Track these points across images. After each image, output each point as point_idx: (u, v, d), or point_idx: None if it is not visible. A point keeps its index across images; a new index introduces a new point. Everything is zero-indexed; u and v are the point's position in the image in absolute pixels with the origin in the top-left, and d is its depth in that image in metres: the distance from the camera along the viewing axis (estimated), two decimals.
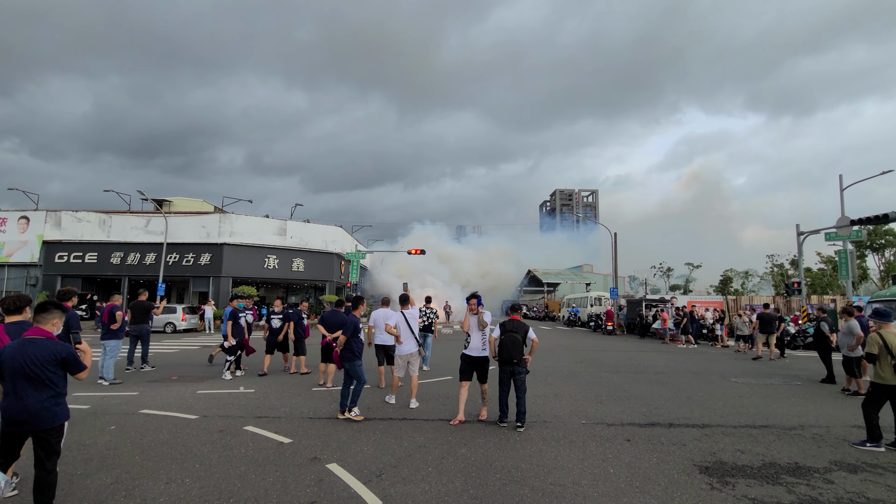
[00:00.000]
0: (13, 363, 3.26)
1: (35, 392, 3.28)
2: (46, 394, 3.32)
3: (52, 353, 3.35)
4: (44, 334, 3.41)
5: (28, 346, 3.31)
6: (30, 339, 3.36)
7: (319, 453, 4.92)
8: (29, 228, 29.43)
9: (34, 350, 3.30)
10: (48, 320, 3.49)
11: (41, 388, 3.29)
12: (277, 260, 30.89)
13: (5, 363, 3.27)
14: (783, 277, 47.08)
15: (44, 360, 3.30)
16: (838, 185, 21.19)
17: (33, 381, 3.27)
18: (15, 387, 3.25)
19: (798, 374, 11.03)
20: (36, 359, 3.27)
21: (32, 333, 3.39)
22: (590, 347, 17.47)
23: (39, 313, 3.47)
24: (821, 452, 5.20)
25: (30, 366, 3.25)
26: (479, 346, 6.35)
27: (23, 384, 3.25)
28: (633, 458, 4.93)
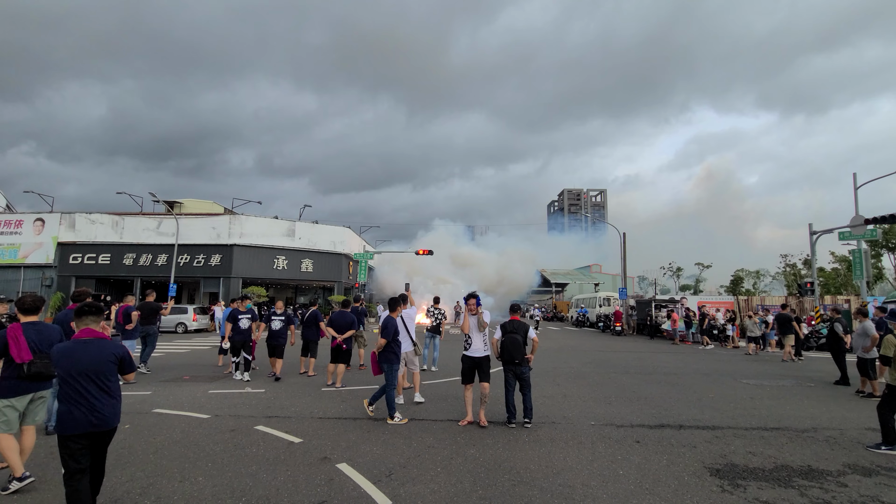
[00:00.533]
0: (76, 364, 3.20)
1: (99, 393, 3.24)
2: (108, 394, 3.30)
3: (111, 352, 3.34)
4: (97, 335, 3.36)
5: (87, 346, 3.28)
6: (86, 340, 3.31)
7: (329, 453, 4.97)
8: (44, 230, 29.96)
9: (94, 351, 3.27)
10: (98, 322, 3.44)
11: (103, 388, 3.27)
12: (286, 261, 31.12)
13: (62, 365, 3.20)
14: (796, 277, 46.42)
15: (104, 360, 3.28)
16: (852, 184, 20.86)
17: (95, 382, 3.23)
18: (79, 389, 3.17)
19: (811, 376, 10.88)
20: (98, 359, 3.25)
21: (85, 335, 3.33)
22: (598, 348, 17.37)
23: (88, 315, 3.39)
24: (834, 455, 5.14)
25: (93, 367, 3.23)
26: (480, 346, 6.29)
27: (86, 385, 3.19)
28: (643, 459, 4.90)
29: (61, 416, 3.15)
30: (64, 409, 3.16)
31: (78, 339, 3.31)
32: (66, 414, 3.15)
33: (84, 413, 3.15)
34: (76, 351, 3.25)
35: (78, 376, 3.18)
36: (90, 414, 3.17)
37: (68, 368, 3.18)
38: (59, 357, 3.22)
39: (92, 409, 3.18)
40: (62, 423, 3.15)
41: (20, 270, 29.52)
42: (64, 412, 3.15)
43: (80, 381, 3.18)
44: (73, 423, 3.14)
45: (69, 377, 3.18)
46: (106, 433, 3.30)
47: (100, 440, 3.28)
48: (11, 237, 30.13)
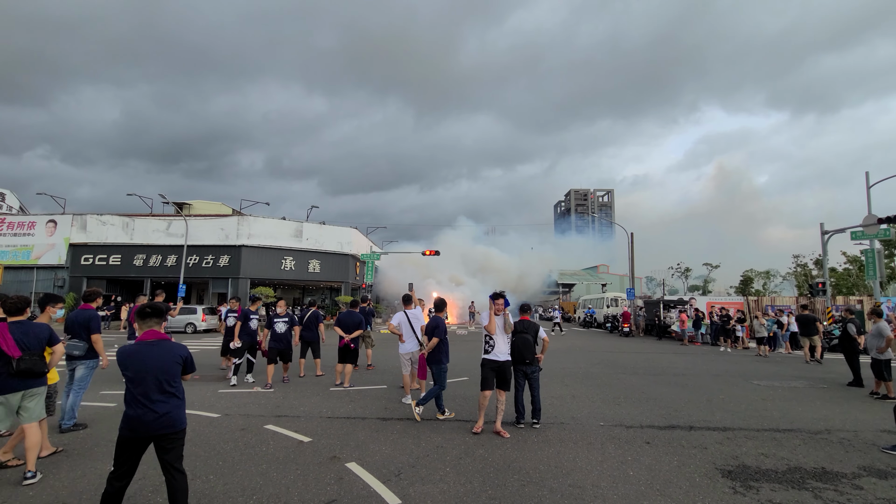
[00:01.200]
0: (144, 366, 3.17)
1: (164, 395, 3.21)
2: (175, 395, 3.28)
3: (177, 353, 3.33)
4: (161, 336, 3.35)
5: (153, 348, 3.25)
6: (151, 341, 3.29)
7: (339, 452, 4.98)
8: (56, 232, 30.39)
9: (161, 352, 3.26)
10: (161, 323, 3.42)
11: (169, 390, 3.23)
12: (294, 261, 31.30)
13: (130, 367, 3.17)
14: (807, 278, 45.83)
15: (171, 362, 3.27)
16: (865, 183, 20.56)
17: (162, 384, 3.20)
18: (146, 391, 3.15)
19: (824, 378, 10.73)
20: (165, 361, 3.24)
21: (150, 336, 3.31)
22: (606, 349, 17.27)
23: (151, 317, 3.36)
24: (849, 457, 5.07)
25: (161, 368, 3.21)
26: (504, 350, 5.91)
27: (153, 387, 3.16)
28: (653, 460, 4.87)
29: (129, 419, 3.11)
30: (132, 412, 3.12)
31: (143, 340, 3.28)
32: (134, 417, 3.11)
33: (153, 415, 3.12)
34: (143, 353, 3.22)
35: (146, 378, 3.15)
36: (158, 416, 3.14)
37: (137, 371, 3.15)
38: (126, 359, 3.19)
39: (160, 412, 3.15)
40: (130, 426, 3.11)
41: (33, 271, 29.97)
42: (132, 415, 3.12)
43: (149, 383, 3.16)
44: (141, 426, 3.11)
45: (138, 379, 3.15)
46: (174, 435, 3.24)
47: (168, 442, 3.22)
48: (24, 238, 30.60)
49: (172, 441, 3.22)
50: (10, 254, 30.30)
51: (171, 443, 3.22)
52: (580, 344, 19.42)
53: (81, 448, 5.09)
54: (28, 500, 3.80)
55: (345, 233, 34.97)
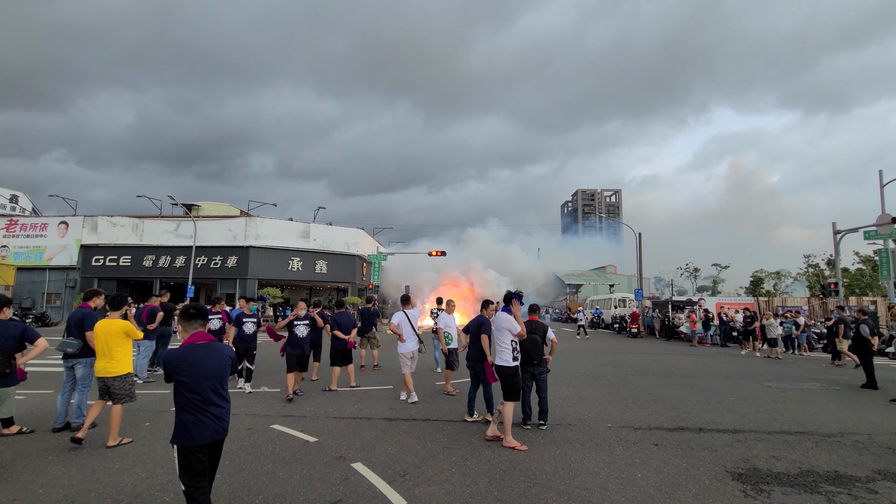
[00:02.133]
0: (201, 370, 3.02)
1: (219, 398, 3.09)
2: (226, 398, 3.15)
3: (227, 355, 3.20)
4: (209, 338, 3.21)
5: (206, 351, 3.09)
6: (201, 344, 3.12)
7: (344, 452, 4.98)
8: (68, 233, 30.80)
9: (214, 355, 3.11)
10: (206, 324, 3.28)
11: (222, 393, 3.12)
12: (301, 262, 31.44)
13: (187, 372, 2.99)
14: (818, 278, 45.19)
15: (224, 364, 3.15)
16: (878, 182, 20.23)
17: (217, 387, 3.08)
18: (204, 395, 3.00)
19: (836, 380, 10.55)
20: (219, 364, 3.11)
21: (199, 339, 3.14)
22: (614, 350, 17.14)
23: (197, 318, 3.21)
24: (862, 461, 4.96)
25: (215, 371, 3.08)
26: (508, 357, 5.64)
27: (210, 392, 3.03)
28: (662, 462, 4.80)
29: (187, 426, 2.94)
30: (191, 419, 2.95)
31: (193, 343, 3.11)
32: (194, 423, 2.95)
33: (212, 421, 3.00)
34: (197, 356, 3.05)
35: (202, 383, 3.00)
36: (217, 421, 3.03)
37: (193, 376, 2.99)
38: (180, 364, 3.00)
39: (217, 416, 3.04)
40: (190, 434, 2.93)
41: (45, 272, 30.39)
42: (191, 421, 2.95)
43: (205, 388, 3.01)
44: (203, 432, 2.95)
45: (194, 384, 2.98)
46: (222, 440, 3.15)
47: (217, 449, 3.12)
48: (37, 240, 31.04)
49: (220, 447, 3.14)
50: (23, 255, 30.75)
51: (219, 449, 3.14)
52: (587, 345, 19.29)
53: (91, 446, 5.12)
54: (37, 498, 3.83)
55: (351, 233, 35.07)
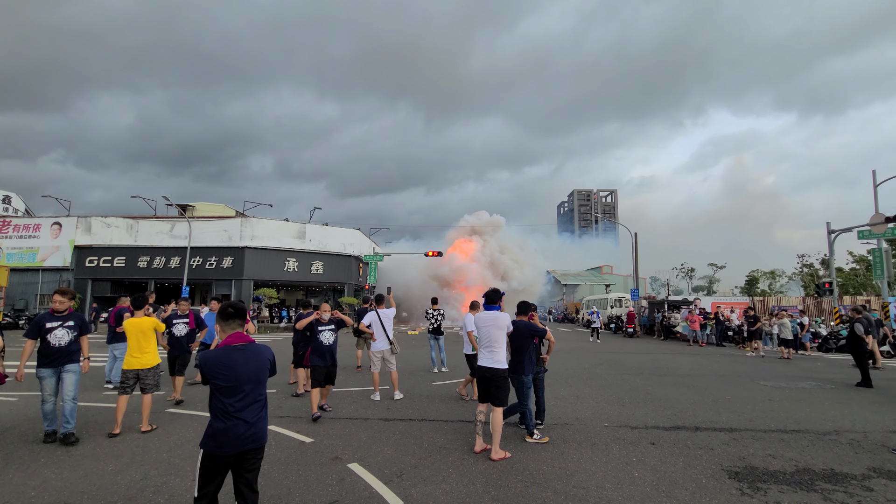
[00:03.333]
0: (239, 374, 2.82)
1: (256, 405, 2.89)
2: (263, 404, 2.96)
3: (266, 358, 3.01)
4: (247, 339, 2.99)
5: (244, 353, 2.90)
6: (240, 346, 2.92)
7: (340, 453, 4.95)
8: (61, 234, 30.59)
9: (253, 357, 2.92)
10: (244, 324, 3.06)
11: (259, 399, 2.92)
12: (297, 263, 31.36)
13: (223, 376, 2.79)
14: (813, 278, 45.50)
15: (263, 367, 2.97)
16: (872, 182, 20.38)
17: (254, 392, 2.89)
18: (240, 401, 2.80)
19: (831, 378, 10.61)
20: (258, 367, 2.93)
21: (237, 340, 2.93)
22: (610, 349, 17.17)
23: (235, 318, 2.98)
24: (858, 458, 4.98)
25: (254, 375, 2.89)
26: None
27: (246, 397, 2.83)
28: (659, 461, 4.80)
29: (216, 433, 2.74)
30: (221, 427, 2.75)
31: (230, 345, 2.90)
32: (224, 431, 2.74)
33: (245, 428, 2.79)
34: (234, 359, 2.85)
35: (240, 387, 2.81)
36: (250, 428, 2.81)
37: (231, 379, 2.79)
38: (216, 367, 2.80)
39: (251, 423, 2.82)
40: (217, 441, 2.74)
41: (38, 273, 30.17)
42: (221, 429, 2.74)
43: (243, 392, 2.82)
44: (234, 440, 2.75)
45: (231, 389, 2.79)
46: (260, 450, 2.91)
47: (253, 459, 2.87)
48: (30, 241, 30.81)
49: (257, 456, 2.90)
50: (16, 256, 30.51)
51: (255, 460, 2.89)
52: (584, 345, 19.33)
53: (84, 448, 5.07)
54: (30, 501, 3.78)
55: (347, 234, 35.02)
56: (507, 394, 5.11)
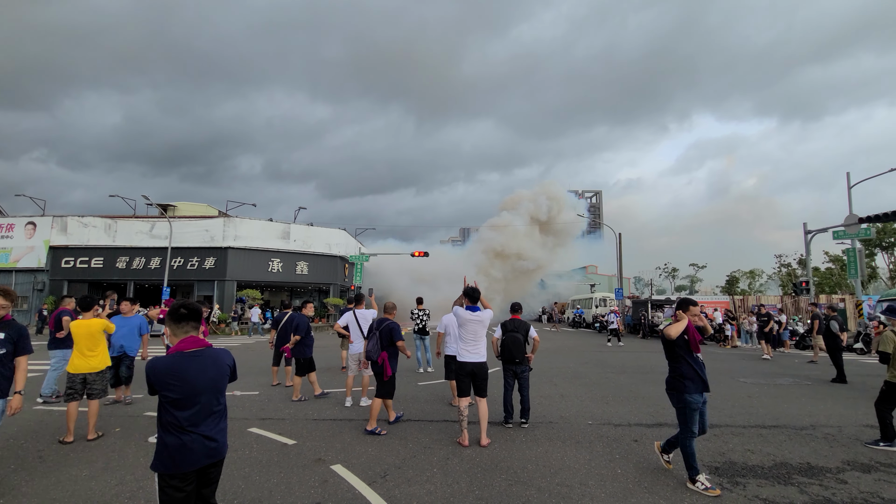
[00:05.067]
0: (194, 385, 2.52)
1: (213, 417, 2.60)
2: (221, 415, 2.66)
3: (225, 364, 2.72)
4: (202, 343, 2.68)
5: (198, 360, 2.59)
6: (193, 352, 2.60)
7: (324, 454, 4.88)
8: (36, 234, 29.64)
9: (209, 364, 2.61)
10: (199, 328, 2.72)
11: (217, 409, 2.63)
12: (281, 263, 30.94)
13: (175, 387, 2.47)
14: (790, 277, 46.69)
15: (222, 375, 2.67)
16: (846, 184, 20.99)
17: (211, 402, 2.59)
18: (195, 414, 2.51)
19: (808, 375, 10.88)
20: (216, 375, 2.63)
21: (190, 345, 2.61)
22: (595, 348, 17.34)
23: (188, 320, 2.64)
24: (833, 452, 5.11)
25: (211, 384, 2.59)
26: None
27: (201, 408, 2.54)
28: (641, 458, 4.86)
29: (171, 451, 2.45)
30: (174, 442, 2.45)
31: (182, 351, 2.58)
32: (180, 448, 2.45)
33: (201, 443, 2.50)
34: (187, 367, 2.53)
35: (195, 399, 2.51)
36: (208, 442, 2.53)
37: (184, 391, 2.49)
38: (165, 377, 2.48)
39: (210, 437, 2.54)
40: (173, 460, 2.44)
41: (12, 275, 29.18)
42: (175, 445, 2.45)
43: (198, 405, 2.52)
44: (189, 457, 2.46)
45: (185, 401, 2.49)
46: (219, 463, 2.65)
47: (212, 473, 2.61)
48: (2, 241, 29.79)
49: (216, 470, 2.64)
50: None
51: (214, 473, 2.63)
52: (569, 344, 19.48)
53: (56, 454, 4.91)
54: None
55: (333, 234, 34.71)
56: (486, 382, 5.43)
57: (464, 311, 5.42)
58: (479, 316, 5.37)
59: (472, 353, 5.32)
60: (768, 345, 14.69)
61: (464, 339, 5.37)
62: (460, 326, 5.42)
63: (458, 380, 5.42)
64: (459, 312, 5.45)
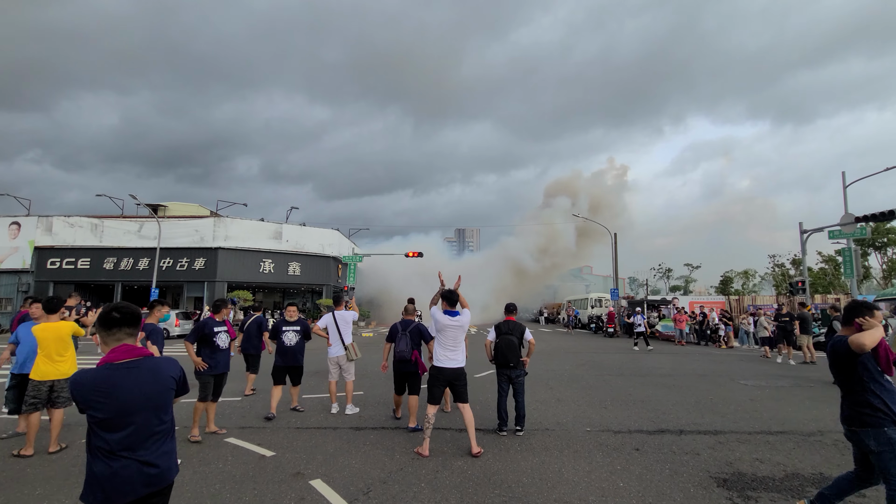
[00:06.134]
0: (127, 402, 2.09)
1: (154, 438, 2.17)
2: (165, 435, 2.23)
3: (167, 376, 2.27)
4: (140, 352, 2.24)
5: (133, 373, 2.15)
6: (128, 363, 2.17)
7: (303, 468, 4.53)
8: (20, 234, 29.00)
9: (146, 378, 2.18)
10: (135, 334, 2.28)
11: (158, 429, 2.19)
12: (273, 264, 30.49)
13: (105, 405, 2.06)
14: (784, 277, 46.77)
15: (163, 388, 2.23)
16: (839, 186, 20.86)
17: (148, 421, 2.16)
18: (129, 437, 2.09)
19: (808, 376, 10.64)
20: (154, 389, 2.19)
21: (124, 355, 2.18)
22: (591, 350, 17.07)
23: (123, 326, 2.21)
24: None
25: (147, 401, 2.16)
26: None
27: (139, 431, 2.12)
28: (644, 469, 4.54)
29: (100, 481, 2.04)
30: (103, 470, 2.04)
31: (112, 362, 2.15)
32: (110, 476, 2.04)
33: (138, 470, 2.09)
34: (119, 381, 2.11)
35: (128, 419, 2.10)
36: (147, 469, 2.12)
37: (114, 410, 2.07)
38: (91, 394, 2.06)
39: (147, 462, 2.13)
40: (104, 491, 2.04)
41: None
42: (104, 474, 2.04)
43: (133, 426, 2.10)
44: (122, 487, 2.06)
45: (115, 422, 2.08)
46: (164, 491, 2.24)
47: (157, 502, 2.21)
48: None
49: (159, 500, 2.22)
50: None
51: (162, 500, 2.25)
52: (565, 345, 19.20)
53: (12, 469, 4.52)
54: None
55: (326, 234, 34.29)
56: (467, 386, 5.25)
57: (442, 316, 5.15)
58: (458, 321, 5.13)
59: (452, 359, 5.09)
60: (789, 347, 13.26)
61: (443, 344, 5.12)
62: (439, 332, 5.15)
63: (431, 387, 5.16)
64: (438, 317, 5.17)
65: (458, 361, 5.11)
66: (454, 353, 5.10)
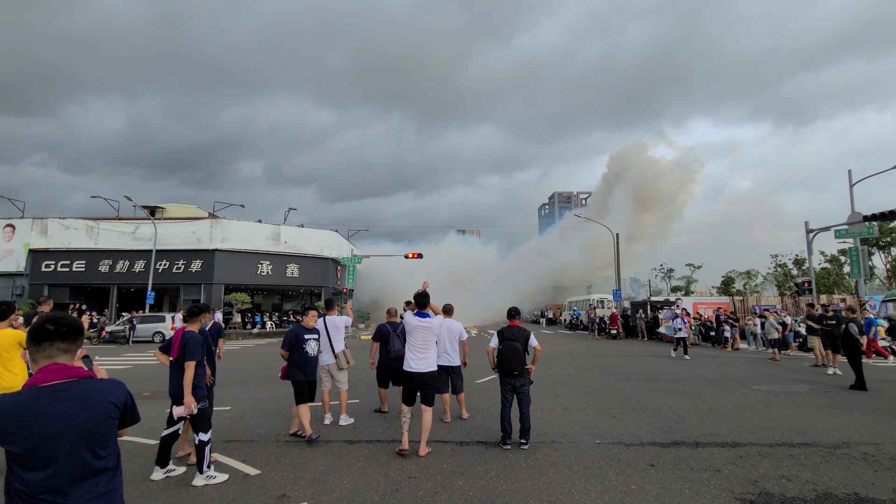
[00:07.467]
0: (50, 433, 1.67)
1: (88, 478, 1.74)
2: (101, 475, 1.78)
3: (106, 401, 1.81)
4: (75, 373, 1.81)
5: (62, 397, 1.73)
6: (55, 386, 1.74)
7: (290, 489, 4.15)
8: (14, 237, 28.64)
9: (77, 403, 1.74)
10: (73, 350, 1.86)
11: (97, 465, 1.76)
12: (271, 266, 30.11)
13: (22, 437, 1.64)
14: (787, 277, 46.35)
15: (101, 416, 1.79)
16: (840, 186, 20.50)
17: (84, 458, 1.73)
18: (53, 477, 1.67)
19: (823, 380, 10.25)
20: (90, 417, 1.75)
21: (52, 376, 1.76)
22: (595, 353, 16.68)
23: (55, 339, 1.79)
24: (879, 478, 4.44)
25: (78, 432, 1.72)
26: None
27: (68, 469, 1.69)
28: (662, 489, 4.15)
29: None
30: None
31: (39, 384, 1.74)
32: None
33: None
34: (42, 408, 1.69)
35: (52, 454, 1.68)
36: None
37: (34, 442, 1.65)
38: (5, 422, 1.65)
39: None
40: None
41: None
42: None
43: (58, 463, 1.68)
44: None
45: (35, 459, 1.66)
46: None
47: None
48: None
49: None
50: None
51: None
52: (567, 348, 18.81)
53: None
54: None
55: (324, 236, 33.91)
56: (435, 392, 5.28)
57: (412, 317, 5.17)
58: (428, 322, 5.13)
59: (420, 360, 5.07)
60: (835, 356, 11.25)
61: (412, 346, 5.13)
62: (409, 333, 5.17)
63: (406, 389, 5.20)
64: (408, 318, 5.24)
65: (429, 364, 5.08)
66: (423, 353, 5.08)
